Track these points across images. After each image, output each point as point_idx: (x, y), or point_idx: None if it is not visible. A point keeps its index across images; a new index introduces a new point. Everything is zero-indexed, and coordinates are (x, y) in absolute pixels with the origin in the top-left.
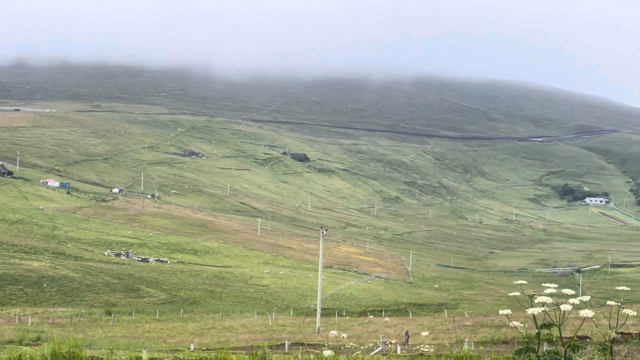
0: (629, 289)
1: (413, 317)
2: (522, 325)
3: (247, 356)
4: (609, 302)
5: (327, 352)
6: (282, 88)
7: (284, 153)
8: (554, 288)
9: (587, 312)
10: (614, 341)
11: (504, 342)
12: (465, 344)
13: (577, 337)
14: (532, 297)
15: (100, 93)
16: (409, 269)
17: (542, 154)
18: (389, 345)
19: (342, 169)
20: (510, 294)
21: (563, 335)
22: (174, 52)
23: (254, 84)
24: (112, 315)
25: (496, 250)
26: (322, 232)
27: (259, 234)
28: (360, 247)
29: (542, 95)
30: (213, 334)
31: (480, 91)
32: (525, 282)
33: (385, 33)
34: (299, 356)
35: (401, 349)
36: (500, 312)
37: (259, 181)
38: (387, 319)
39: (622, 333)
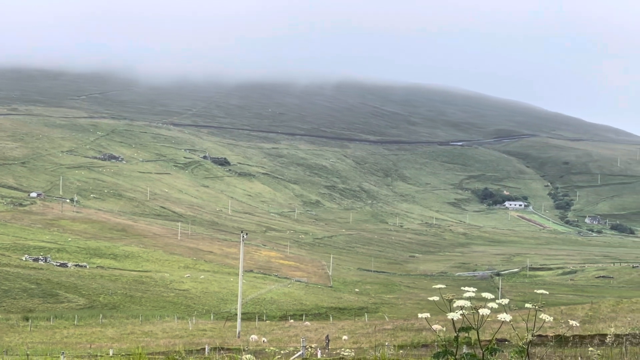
0: (547, 292)
1: (334, 321)
2: (442, 328)
3: None
4: (527, 305)
5: (247, 357)
6: (203, 92)
7: (205, 157)
8: (472, 292)
9: (504, 316)
10: (530, 344)
11: (424, 346)
12: (385, 347)
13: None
14: (450, 301)
15: (17, 96)
16: (330, 273)
17: (462, 158)
18: (310, 349)
19: (263, 173)
20: (430, 298)
21: (482, 338)
22: (95, 55)
23: (175, 88)
24: (30, 320)
25: (417, 254)
26: (243, 236)
27: (179, 238)
28: (281, 251)
29: (462, 99)
30: (132, 339)
31: (401, 95)
32: (443, 286)
33: (307, 36)
34: None
35: (322, 353)
36: (419, 315)
37: (179, 185)
38: (307, 323)
39: (539, 335)
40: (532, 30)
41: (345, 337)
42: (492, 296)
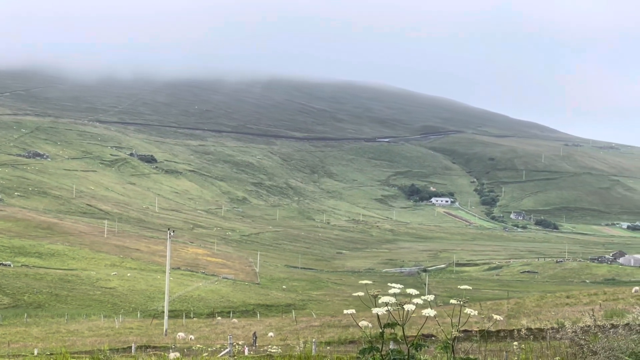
0: (470, 288)
1: (261, 318)
2: (369, 324)
3: None
4: (451, 301)
5: (174, 354)
6: (130, 89)
7: (131, 154)
8: (398, 288)
9: (429, 311)
10: (456, 339)
11: (352, 342)
12: (312, 344)
13: (423, 335)
14: (376, 297)
15: None
16: (257, 270)
17: (388, 155)
18: (237, 347)
19: (190, 170)
20: (355, 294)
21: (409, 334)
22: (19, 51)
23: (101, 85)
24: None
25: (344, 251)
26: (170, 234)
27: (106, 236)
28: (208, 248)
29: (389, 96)
30: (58, 338)
31: (328, 92)
32: (369, 282)
33: (237, 35)
34: (145, 359)
35: (249, 350)
36: (345, 311)
37: (105, 183)
38: (235, 320)
39: (465, 331)
40: (459, 28)
41: (272, 334)
42: (417, 292)
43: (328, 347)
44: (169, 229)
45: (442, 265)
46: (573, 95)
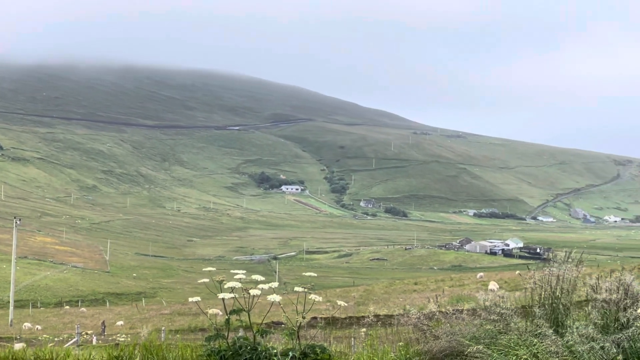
0: (315, 274)
1: (111, 307)
2: (219, 312)
3: None
4: (296, 288)
5: (19, 345)
6: None
7: None
8: (242, 274)
9: (274, 297)
10: (305, 326)
11: (202, 330)
12: (162, 332)
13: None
14: (221, 283)
15: None
16: (107, 258)
17: (239, 143)
18: (85, 336)
19: (38, 158)
20: (199, 281)
21: (258, 321)
22: None
23: None
24: None
25: (195, 239)
26: (16, 222)
27: None
28: (57, 237)
29: (239, 84)
30: None
31: (179, 80)
32: (214, 268)
33: (89, 22)
34: None
35: (97, 339)
36: (190, 299)
37: None
38: (83, 309)
39: (313, 317)
40: (310, 16)
41: (121, 322)
42: (262, 278)
43: (177, 335)
44: (15, 218)
45: (293, 253)
46: (422, 84)
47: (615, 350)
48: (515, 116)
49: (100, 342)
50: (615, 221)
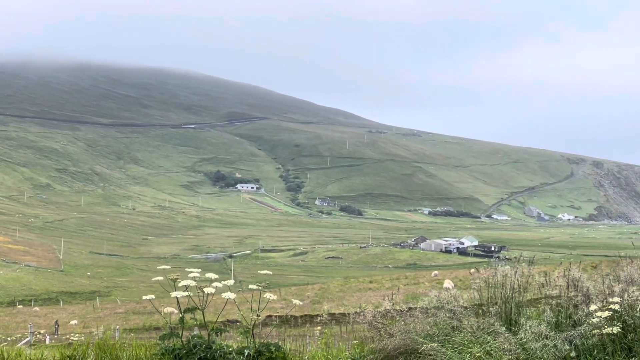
0: (271, 273)
1: (64, 306)
2: (174, 311)
3: None
4: (250, 286)
5: None
6: None
7: None
8: (197, 272)
9: (229, 295)
10: (260, 324)
11: (156, 329)
12: (116, 331)
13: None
14: (175, 280)
15: None
16: (61, 257)
17: (195, 141)
18: (38, 336)
19: None
20: (154, 279)
21: (214, 319)
22: None
23: None
24: None
25: (150, 237)
26: None
27: None
28: (9, 235)
29: (195, 82)
30: None
31: (135, 78)
32: (168, 266)
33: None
34: None
35: (50, 339)
36: (144, 297)
37: None
38: (37, 308)
39: (269, 316)
40: (266, 15)
41: (75, 321)
42: (216, 276)
43: (132, 334)
44: None
45: (248, 251)
46: (378, 82)
47: (567, 347)
48: (470, 115)
49: (53, 341)
50: (569, 219)
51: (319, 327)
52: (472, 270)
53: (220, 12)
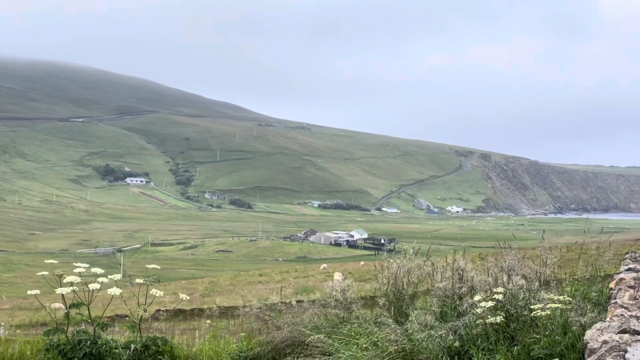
0: (159, 267)
1: None
2: (61, 306)
3: None
4: (137, 281)
5: None
6: None
7: None
8: (84, 268)
9: (114, 290)
10: (149, 318)
11: (44, 324)
12: (2, 327)
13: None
14: (61, 276)
15: None
16: None
17: (83, 135)
18: None
19: None
20: (38, 274)
21: (100, 314)
22: None
23: None
24: None
25: (37, 232)
26: None
27: None
28: None
29: (84, 75)
30: None
31: (20, 71)
32: (56, 261)
33: None
34: None
35: None
36: (29, 292)
37: None
38: None
39: (158, 310)
40: (155, 8)
41: None
42: (102, 271)
43: (18, 331)
44: None
45: (138, 245)
46: (266, 76)
47: (452, 337)
48: (359, 108)
49: None
50: (458, 211)
51: (208, 321)
52: (362, 263)
53: (110, 5)
